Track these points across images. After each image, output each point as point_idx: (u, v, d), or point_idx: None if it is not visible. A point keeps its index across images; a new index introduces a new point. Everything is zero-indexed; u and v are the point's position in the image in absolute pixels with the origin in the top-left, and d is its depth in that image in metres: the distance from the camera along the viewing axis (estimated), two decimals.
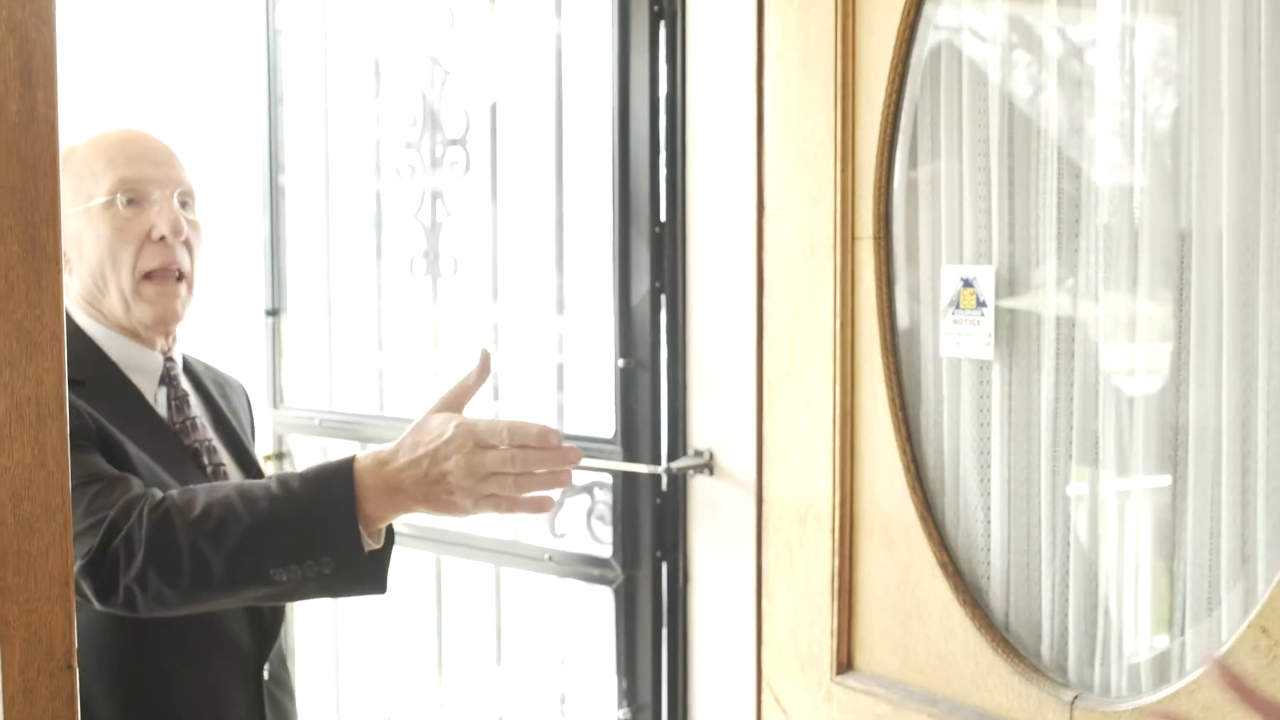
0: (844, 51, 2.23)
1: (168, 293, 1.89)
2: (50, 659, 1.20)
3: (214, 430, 2.02)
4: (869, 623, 2.25)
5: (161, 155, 1.92)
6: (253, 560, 1.64)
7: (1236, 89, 1.78)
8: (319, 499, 1.65)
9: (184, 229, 1.89)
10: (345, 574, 1.67)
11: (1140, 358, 1.95)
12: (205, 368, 2.11)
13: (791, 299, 2.34)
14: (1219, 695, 1.74)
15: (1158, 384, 1.92)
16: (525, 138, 2.84)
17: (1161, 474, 1.92)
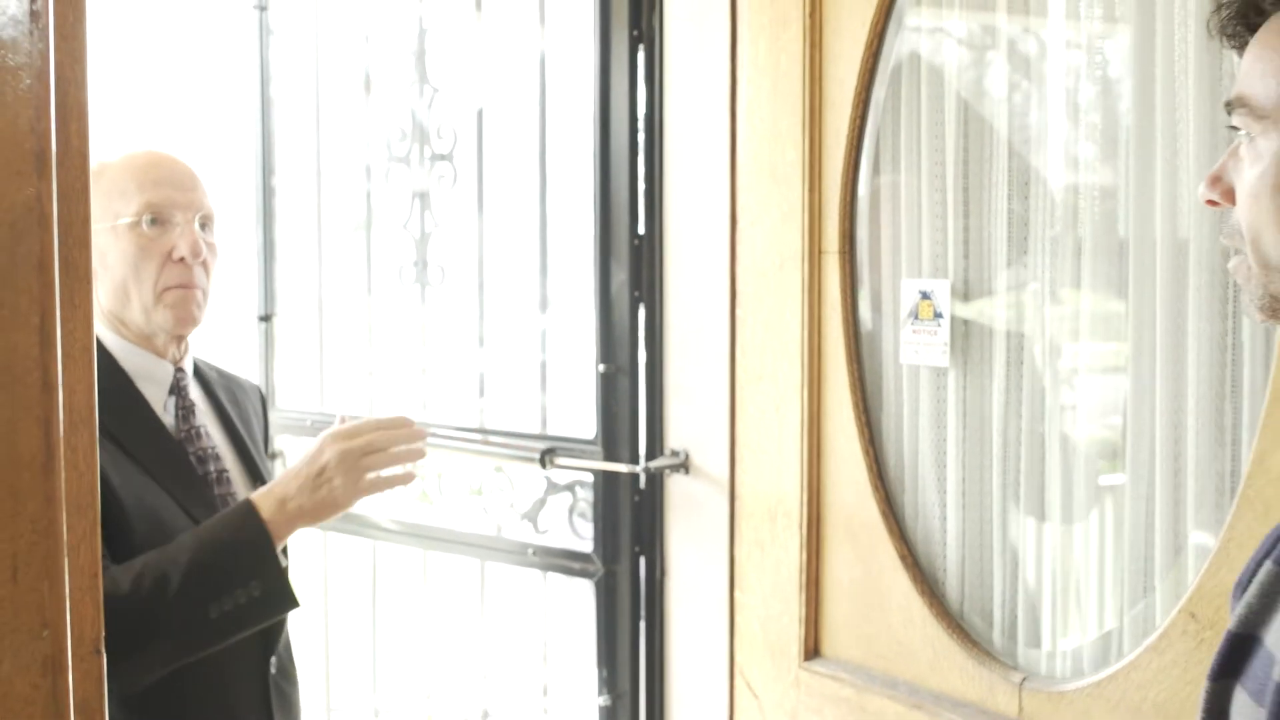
0: (811, 77, 2.38)
1: (187, 298, 2.05)
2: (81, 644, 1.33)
3: (221, 437, 2.15)
4: (834, 612, 2.40)
5: (186, 180, 2.07)
6: (190, 603, 1.87)
7: (1169, 106, 1.93)
8: (235, 536, 1.93)
9: (203, 251, 2.04)
10: (271, 593, 1.93)
11: (1083, 364, 2.11)
12: (218, 374, 2.24)
13: (762, 309, 2.48)
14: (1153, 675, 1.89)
15: (1099, 389, 2.07)
16: (510, 152, 2.97)
17: (1102, 472, 2.07)
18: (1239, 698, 0.98)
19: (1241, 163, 1.04)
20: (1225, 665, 1.00)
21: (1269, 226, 1.01)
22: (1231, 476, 1.89)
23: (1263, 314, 1.06)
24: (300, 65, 3.39)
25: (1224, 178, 1.07)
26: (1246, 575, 1.01)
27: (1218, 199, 1.07)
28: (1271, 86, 1.01)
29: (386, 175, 3.21)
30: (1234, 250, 1.07)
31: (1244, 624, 0.98)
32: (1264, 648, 0.95)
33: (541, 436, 2.91)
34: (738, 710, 2.57)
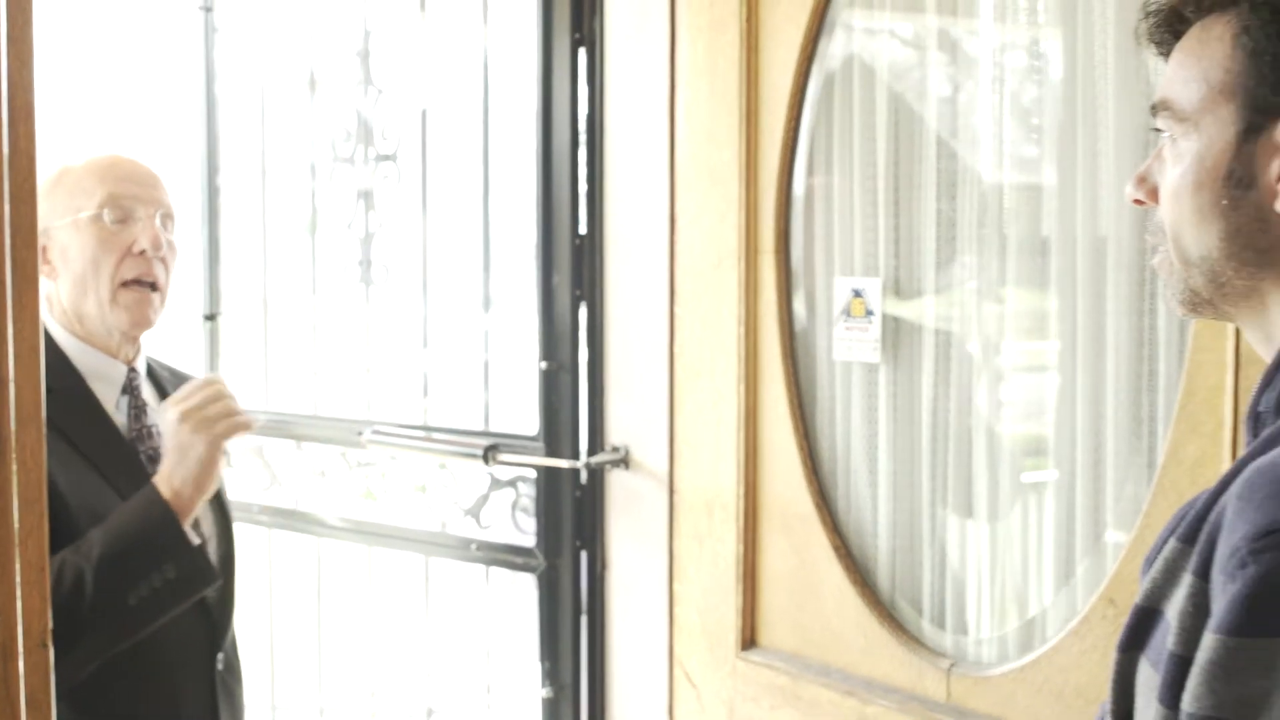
0: (748, 81, 2.43)
1: (143, 300, 2.08)
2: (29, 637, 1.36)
3: None
4: (770, 603, 2.46)
5: (148, 179, 2.11)
6: (109, 594, 1.91)
7: (1090, 108, 2.01)
8: (141, 522, 1.97)
9: (163, 246, 2.07)
10: (186, 572, 1.97)
11: (1009, 360, 2.18)
12: (171, 373, 2.26)
13: (700, 307, 2.54)
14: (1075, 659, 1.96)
15: (1024, 383, 2.15)
16: (454, 152, 3.01)
17: (1027, 464, 2.14)
18: (1143, 668, 1.04)
19: (1165, 163, 1.10)
20: (1131, 637, 1.06)
21: (1189, 224, 1.07)
22: (1148, 468, 1.97)
23: (1184, 307, 1.12)
24: (245, 65, 3.42)
25: (1149, 178, 1.13)
26: (1154, 552, 1.07)
27: (1143, 198, 1.14)
28: (1193, 91, 1.07)
29: (331, 175, 3.24)
30: (1158, 247, 1.13)
31: (1148, 598, 1.04)
32: (1164, 619, 1.01)
33: (484, 433, 2.96)
34: (677, 700, 2.63)
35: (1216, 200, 1.05)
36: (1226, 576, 0.90)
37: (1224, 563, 0.90)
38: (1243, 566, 0.88)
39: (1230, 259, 1.05)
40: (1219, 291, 1.08)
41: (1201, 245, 1.07)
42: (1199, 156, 1.06)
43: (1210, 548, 0.94)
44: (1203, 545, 0.95)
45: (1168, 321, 1.94)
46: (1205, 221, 1.06)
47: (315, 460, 3.30)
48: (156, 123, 3.56)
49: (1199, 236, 1.07)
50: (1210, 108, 1.06)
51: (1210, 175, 1.05)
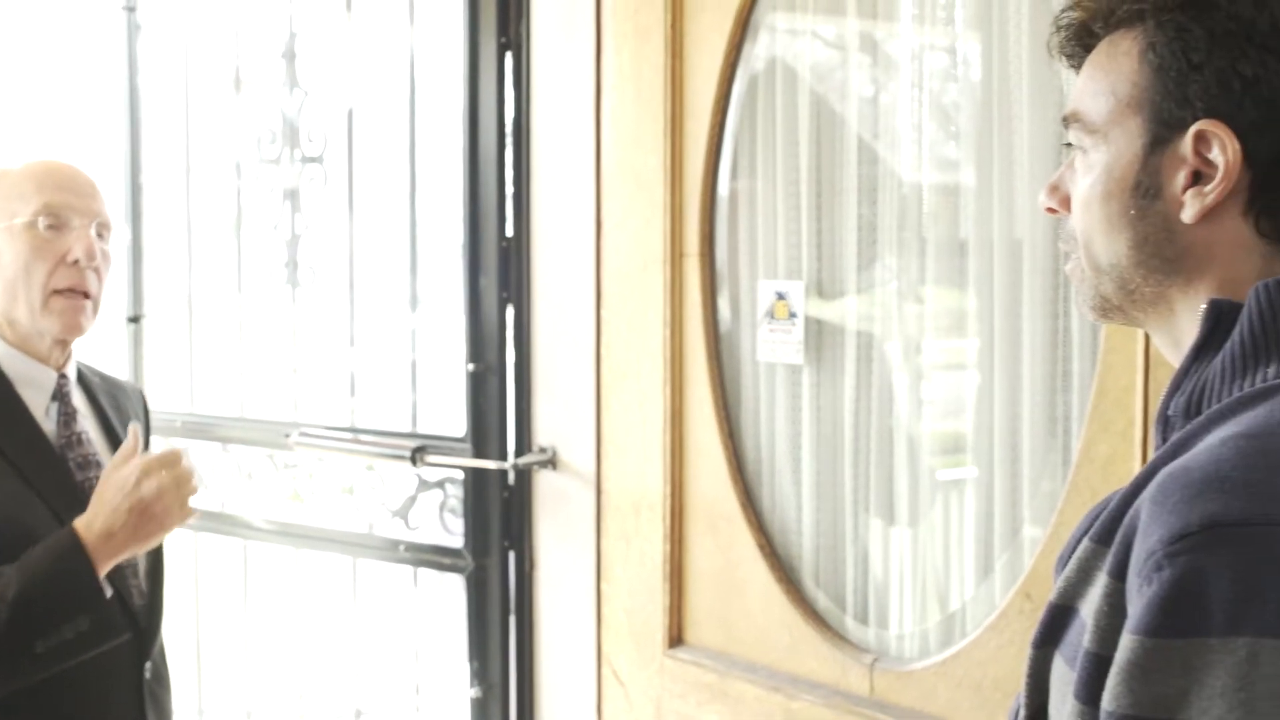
0: (672, 86, 2.47)
1: (75, 307, 2.06)
2: None
3: (102, 443, 2.16)
4: (697, 601, 2.50)
5: (86, 188, 2.09)
6: (17, 639, 1.88)
7: (1005, 114, 2.06)
8: (60, 572, 1.92)
9: (97, 256, 2.06)
10: (98, 626, 1.94)
11: (929, 360, 2.23)
12: (101, 378, 2.24)
13: (626, 309, 2.57)
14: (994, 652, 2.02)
15: (944, 384, 2.20)
16: (380, 154, 3.02)
17: (947, 463, 2.19)
18: (1057, 664, 1.07)
19: (1076, 173, 1.14)
20: (1046, 634, 1.09)
21: (1098, 233, 1.11)
22: (1063, 466, 2.02)
23: (1095, 313, 1.16)
24: (169, 65, 3.40)
25: (1061, 187, 1.17)
26: (1067, 551, 1.11)
27: (1056, 206, 1.18)
28: (1101, 104, 1.11)
29: (257, 176, 3.23)
30: (1070, 254, 1.17)
31: (1063, 595, 1.07)
32: (1079, 617, 1.04)
33: (412, 435, 2.97)
34: (605, 698, 2.66)
35: (1125, 210, 1.09)
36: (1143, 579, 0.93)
37: (1140, 565, 0.93)
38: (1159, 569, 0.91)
39: (1139, 267, 1.09)
40: (1128, 298, 1.12)
41: (1111, 253, 1.11)
42: (1108, 167, 1.10)
43: (1126, 550, 0.97)
44: (1118, 547, 0.98)
45: (1081, 323, 1.99)
46: (1114, 230, 1.10)
47: (242, 462, 3.29)
48: (79, 122, 3.53)
49: (1108, 245, 1.11)
50: (1118, 120, 1.09)
51: (1119, 186, 1.09)
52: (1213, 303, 1.05)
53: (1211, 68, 1.05)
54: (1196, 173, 1.06)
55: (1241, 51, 1.05)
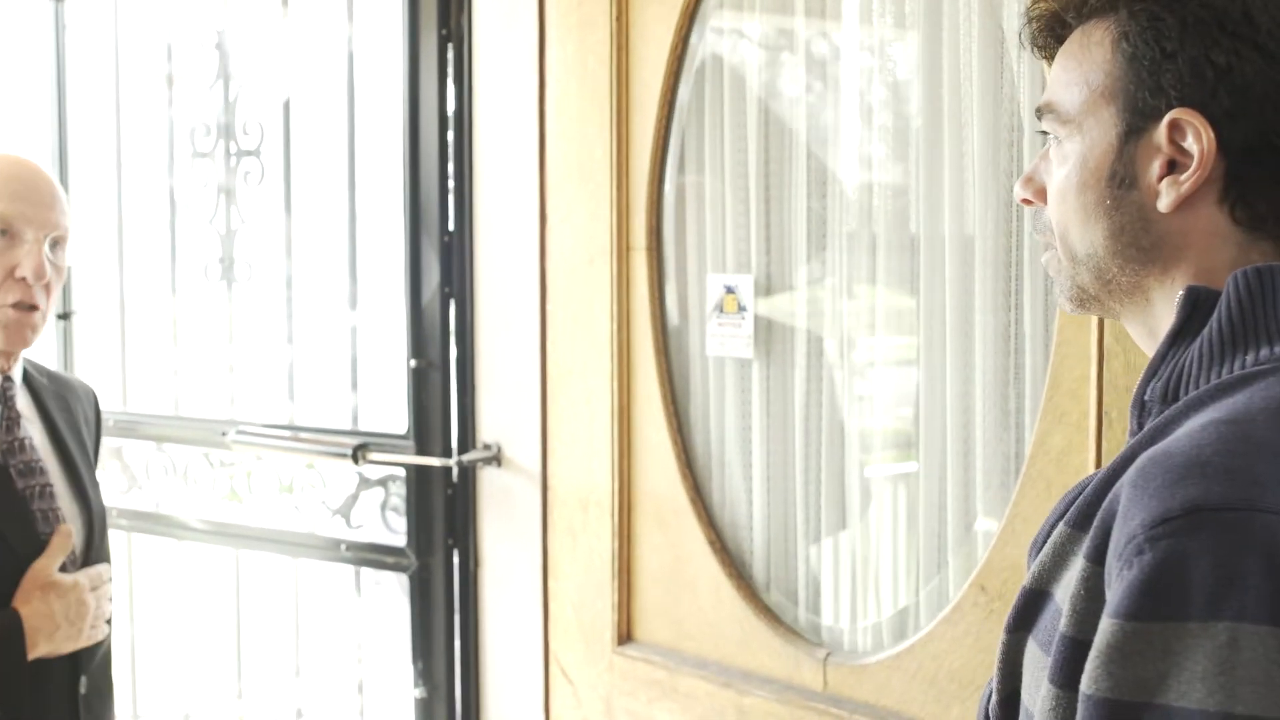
0: (618, 79, 2.45)
1: (22, 321, 2.00)
2: None
3: (47, 449, 2.10)
4: (646, 597, 2.48)
5: (45, 196, 2.01)
6: None
7: (955, 109, 2.06)
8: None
9: (47, 274, 1.99)
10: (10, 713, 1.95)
11: (879, 355, 2.23)
12: (50, 379, 2.18)
13: (572, 304, 2.54)
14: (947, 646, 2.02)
15: (894, 378, 2.20)
16: (319, 148, 2.97)
17: (898, 457, 2.19)
18: (1030, 648, 1.07)
19: (1051, 164, 1.14)
20: (1019, 619, 1.09)
21: (1074, 223, 1.11)
22: (1016, 458, 2.03)
23: (1072, 304, 1.16)
24: (99, 58, 3.33)
25: (1036, 178, 1.17)
26: (1041, 536, 1.11)
27: (1031, 198, 1.17)
28: (1075, 94, 1.11)
29: (190, 171, 3.17)
30: (1048, 245, 1.17)
31: (1036, 580, 1.07)
32: (1054, 601, 1.04)
33: (353, 432, 2.93)
34: (553, 696, 2.63)
35: (1100, 200, 1.09)
36: (1123, 563, 0.93)
37: (1120, 549, 0.94)
38: (1139, 553, 0.91)
39: (1115, 256, 1.09)
40: (1105, 288, 1.12)
41: (1087, 243, 1.11)
42: (1083, 158, 1.10)
43: (1104, 534, 0.97)
44: (1096, 531, 0.98)
45: (1033, 316, 2.00)
46: (1090, 221, 1.10)
47: (177, 461, 3.23)
48: (3, 116, 3.45)
49: (1084, 235, 1.11)
50: (1092, 110, 1.09)
51: (1094, 176, 1.09)
52: (1190, 289, 1.06)
53: (1185, 56, 1.06)
54: (1171, 161, 1.06)
55: (1214, 40, 1.05)
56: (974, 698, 2.00)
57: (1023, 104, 1.98)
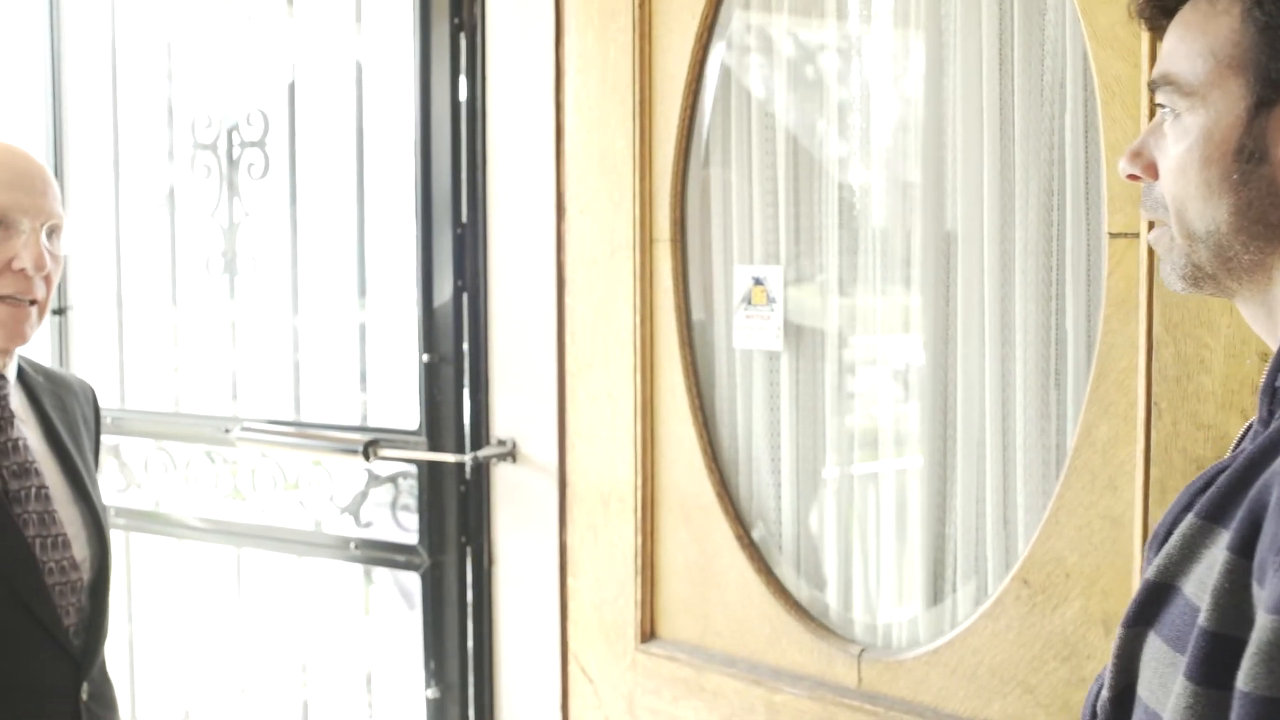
0: (641, 68, 2.41)
1: (19, 316, 1.92)
2: None
3: (43, 449, 2.03)
4: (670, 594, 2.44)
5: (38, 183, 1.93)
6: None
7: (994, 106, 2.03)
8: None
9: (46, 264, 1.91)
10: None
11: (913, 348, 2.20)
12: (46, 377, 2.10)
13: (593, 296, 2.50)
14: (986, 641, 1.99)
15: (929, 371, 2.17)
16: (326, 139, 2.92)
17: (933, 450, 2.16)
18: (1152, 643, 1.04)
19: (1165, 139, 1.11)
20: (1140, 613, 1.05)
21: (1194, 199, 1.08)
22: (1058, 450, 2.00)
23: (1184, 282, 1.12)
24: (96, 49, 3.26)
25: (1145, 153, 1.13)
26: (1163, 529, 1.08)
27: (1139, 173, 1.14)
28: (1198, 65, 1.07)
29: (192, 162, 3.11)
30: (1157, 222, 1.13)
31: (1163, 573, 1.04)
32: (1182, 596, 1.01)
33: (363, 428, 2.88)
34: (572, 695, 2.59)
35: (1226, 175, 1.06)
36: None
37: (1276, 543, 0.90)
38: None
39: (1239, 233, 1.06)
40: (1224, 266, 1.09)
41: (1208, 220, 1.07)
42: (1206, 131, 1.06)
43: (1252, 527, 0.94)
44: (1242, 524, 0.95)
45: (1075, 307, 1.98)
46: (1213, 196, 1.07)
47: (177, 459, 3.17)
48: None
49: (1206, 211, 1.07)
50: (1217, 82, 1.06)
51: (1219, 150, 1.06)
52: None
53: None
54: None
55: None
56: (1016, 693, 1.98)
57: (1066, 91, 1.96)
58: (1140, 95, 1.79)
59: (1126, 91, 1.81)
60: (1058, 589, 1.93)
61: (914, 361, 2.19)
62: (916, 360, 2.19)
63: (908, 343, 2.20)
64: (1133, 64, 1.80)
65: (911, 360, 2.20)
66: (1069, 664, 1.92)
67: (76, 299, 3.34)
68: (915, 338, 2.18)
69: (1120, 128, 1.82)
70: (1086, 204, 1.96)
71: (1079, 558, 1.90)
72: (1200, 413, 1.77)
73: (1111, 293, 1.85)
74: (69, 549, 1.99)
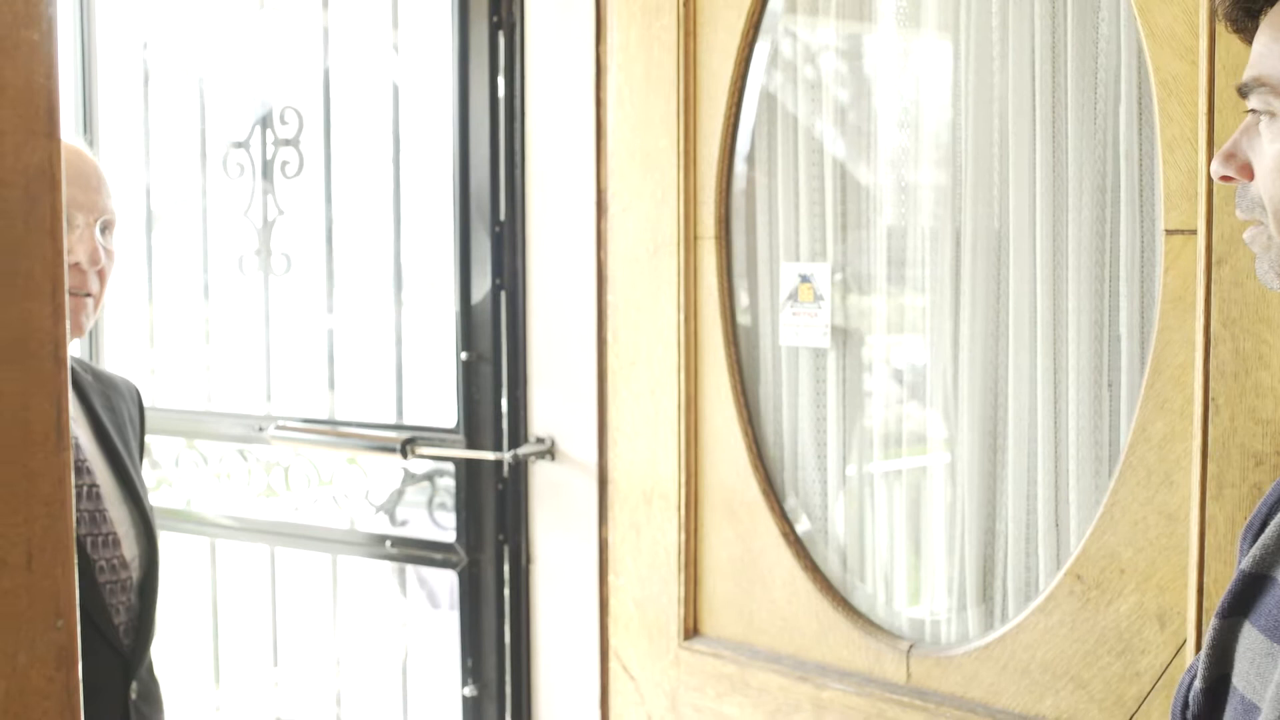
0: (686, 66, 2.41)
1: (75, 308, 1.94)
2: None
3: (93, 448, 2.04)
4: (714, 591, 2.45)
5: (93, 180, 1.96)
6: None
7: (1047, 103, 2.04)
8: None
9: (101, 259, 1.95)
10: None
11: (963, 345, 2.20)
12: (95, 377, 2.12)
13: (635, 294, 2.51)
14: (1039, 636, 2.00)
15: (979, 368, 2.17)
16: (362, 137, 2.92)
17: (984, 448, 2.17)
18: (1248, 634, 1.05)
19: (1260, 139, 1.11)
20: (1235, 603, 1.06)
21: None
22: (1110, 446, 2.01)
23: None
24: (127, 46, 3.26)
25: (1239, 154, 1.13)
26: (1258, 520, 1.08)
27: (1233, 174, 1.14)
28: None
29: (225, 160, 3.11)
30: (1254, 222, 1.14)
31: (1259, 564, 1.04)
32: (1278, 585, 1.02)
33: (401, 426, 2.88)
34: (613, 693, 2.59)
35: None
36: None
37: None
38: None
39: None
40: None
41: None
42: None
43: None
44: None
45: (1129, 304, 1.98)
46: None
47: (209, 457, 3.17)
48: None
49: None
50: None
51: None
52: None
53: None
54: None
55: None
56: (1068, 689, 1.99)
57: (1120, 88, 1.97)
58: (1198, 93, 1.79)
59: (1184, 89, 1.82)
60: (1112, 584, 1.93)
61: (964, 359, 2.20)
62: (966, 357, 2.19)
63: (958, 340, 2.20)
64: (1190, 62, 1.81)
65: (962, 357, 2.20)
66: (1123, 659, 1.93)
67: (109, 296, 3.33)
68: (965, 336, 2.19)
69: (1177, 125, 1.83)
70: (1140, 201, 1.97)
71: (1134, 553, 1.91)
72: (1259, 408, 1.77)
73: (1168, 289, 1.85)
74: (119, 548, 2.00)
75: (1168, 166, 1.85)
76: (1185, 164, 1.83)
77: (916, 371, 2.23)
